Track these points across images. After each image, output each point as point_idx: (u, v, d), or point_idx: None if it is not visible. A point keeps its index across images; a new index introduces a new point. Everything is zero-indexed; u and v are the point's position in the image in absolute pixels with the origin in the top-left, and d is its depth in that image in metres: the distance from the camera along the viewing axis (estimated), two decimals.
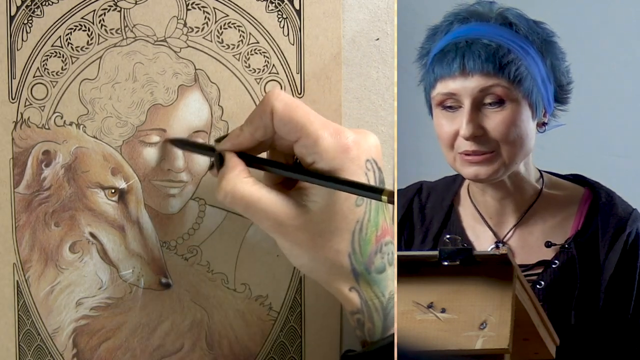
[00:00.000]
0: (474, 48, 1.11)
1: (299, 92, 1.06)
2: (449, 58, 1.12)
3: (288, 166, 1.00)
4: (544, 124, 1.16)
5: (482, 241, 1.18)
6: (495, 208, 1.16)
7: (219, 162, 1.00)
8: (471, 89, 1.12)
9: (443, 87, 1.13)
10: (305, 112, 0.97)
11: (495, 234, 1.17)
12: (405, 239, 1.19)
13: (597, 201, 1.18)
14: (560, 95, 1.18)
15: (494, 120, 1.12)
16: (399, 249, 1.06)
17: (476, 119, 1.12)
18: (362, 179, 0.98)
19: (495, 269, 1.01)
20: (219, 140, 1.01)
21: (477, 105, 1.12)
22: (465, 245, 1.11)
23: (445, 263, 1.01)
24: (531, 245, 1.17)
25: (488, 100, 1.12)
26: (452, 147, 1.13)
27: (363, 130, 1.01)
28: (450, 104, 1.12)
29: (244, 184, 0.98)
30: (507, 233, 1.17)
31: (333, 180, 0.96)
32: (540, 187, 1.17)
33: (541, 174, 1.18)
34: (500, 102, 1.12)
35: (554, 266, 1.16)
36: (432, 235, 1.18)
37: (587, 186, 1.19)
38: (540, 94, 1.14)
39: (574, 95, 1.18)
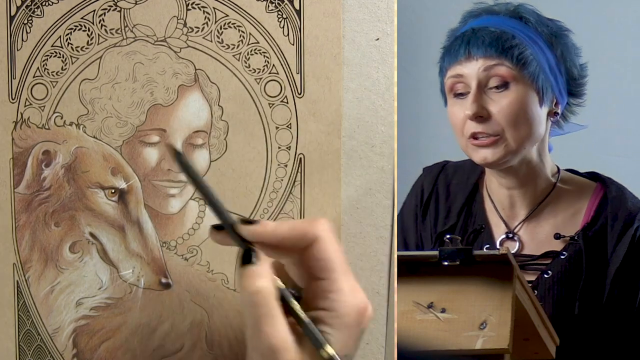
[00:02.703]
0: (479, 35, 1.15)
1: (299, 92, 1.06)
2: (455, 46, 1.17)
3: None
4: (556, 113, 1.18)
5: (497, 229, 1.21)
6: (508, 200, 1.18)
7: (247, 253, 0.94)
8: (476, 70, 1.16)
9: (452, 72, 1.21)
10: (341, 261, 0.92)
11: (506, 224, 1.18)
12: (431, 215, 1.20)
13: (607, 195, 1.19)
14: (574, 88, 1.20)
15: (499, 103, 1.15)
16: (399, 249, 1.06)
17: (480, 100, 1.16)
18: (354, 342, 0.92)
19: (495, 269, 1.01)
20: (246, 222, 0.94)
21: (482, 87, 1.16)
22: (483, 226, 1.12)
23: (445, 263, 1.01)
24: (541, 238, 1.19)
25: (494, 83, 1.15)
26: (462, 132, 1.17)
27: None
28: (460, 90, 1.17)
29: (281, 325, 0.91)
30: (518, 225, 1.18)
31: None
32: (555, 181, 1.18)
33: (559, 169, 1.20)
34: (505, 84, 1.16)
35: (562, 257, 1.17)
36: (455, 211, 1.20)
37: (599, 181, 1.20)
38: (549, 82, 1.16)
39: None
